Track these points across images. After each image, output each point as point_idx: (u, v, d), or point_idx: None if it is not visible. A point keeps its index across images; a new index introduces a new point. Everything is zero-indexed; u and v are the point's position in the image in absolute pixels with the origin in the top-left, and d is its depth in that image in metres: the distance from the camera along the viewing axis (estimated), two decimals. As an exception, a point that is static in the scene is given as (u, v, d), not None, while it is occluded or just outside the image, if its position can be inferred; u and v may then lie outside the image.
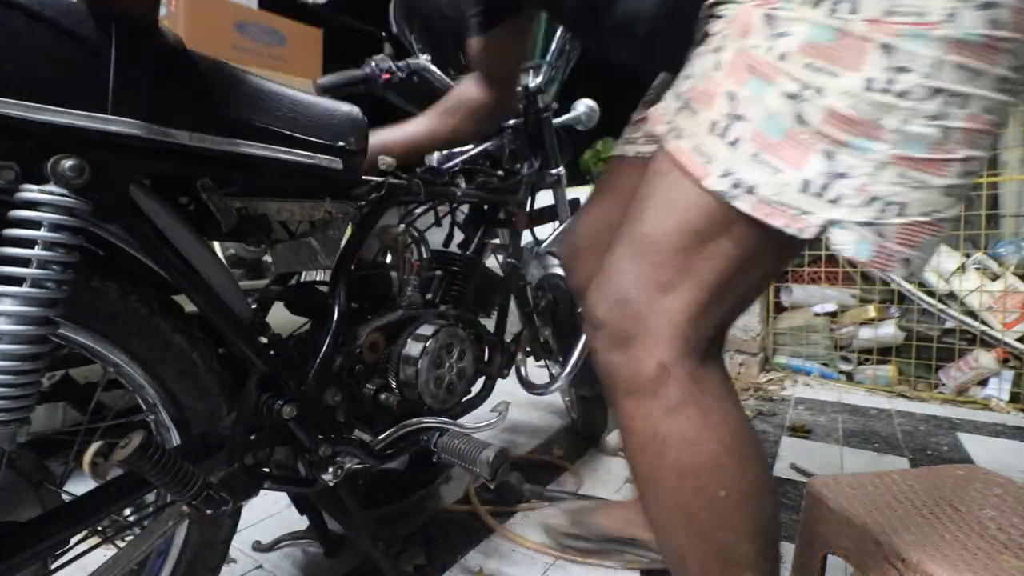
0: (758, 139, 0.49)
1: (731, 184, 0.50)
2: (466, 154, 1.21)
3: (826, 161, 0.47)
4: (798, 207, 0.47)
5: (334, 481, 0.78)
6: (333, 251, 0.84)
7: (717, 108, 0.51)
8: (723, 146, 0.50)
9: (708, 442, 0.52)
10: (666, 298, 0.53)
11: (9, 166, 0.49)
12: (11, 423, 0.49)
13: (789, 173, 0.48)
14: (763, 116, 0.49)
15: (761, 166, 0.49)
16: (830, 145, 0.46)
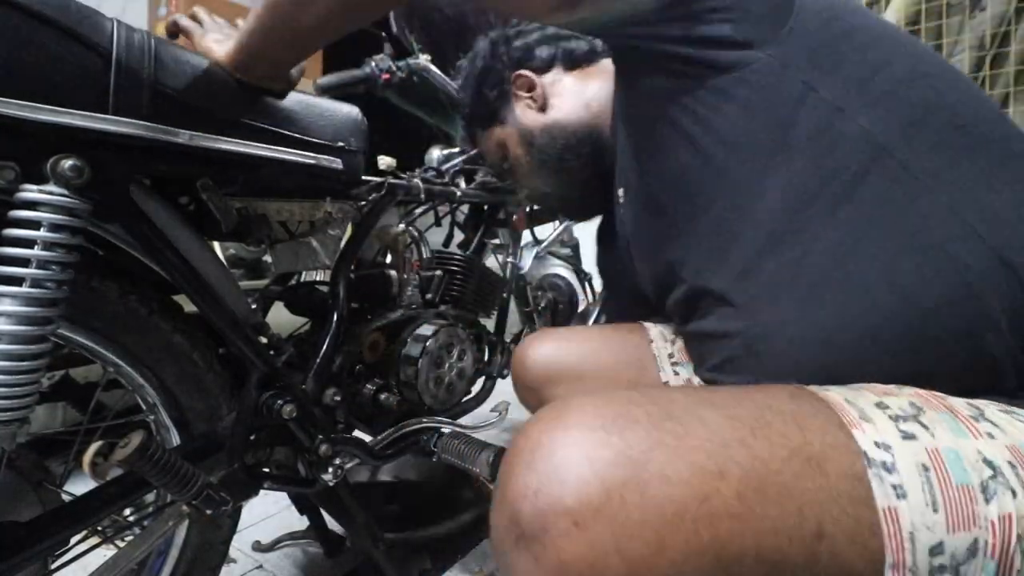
0: (935, 458, 0.36)
1: (881, 460, 0.36)
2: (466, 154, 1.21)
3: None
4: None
5: (334, 481, 0.78)
6: (333, 251, 0.84)
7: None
8: (888, 423, 0.38)
9: None
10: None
11: (9, 166, 0.49)
12: (11, 423, 0.49)
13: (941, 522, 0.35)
14: (949, 448, 0.37)
15: (924, 484, 0.36)
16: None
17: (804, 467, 0.35)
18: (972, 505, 0.35)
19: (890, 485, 0.35)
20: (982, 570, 0.34)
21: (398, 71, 1.16)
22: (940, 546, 0.34)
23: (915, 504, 0.35)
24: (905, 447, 0.36)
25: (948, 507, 0.35)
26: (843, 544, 0.34)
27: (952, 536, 0.35)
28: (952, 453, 0.36)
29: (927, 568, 0.34)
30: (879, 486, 0.35)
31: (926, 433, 0.37)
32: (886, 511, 0.34)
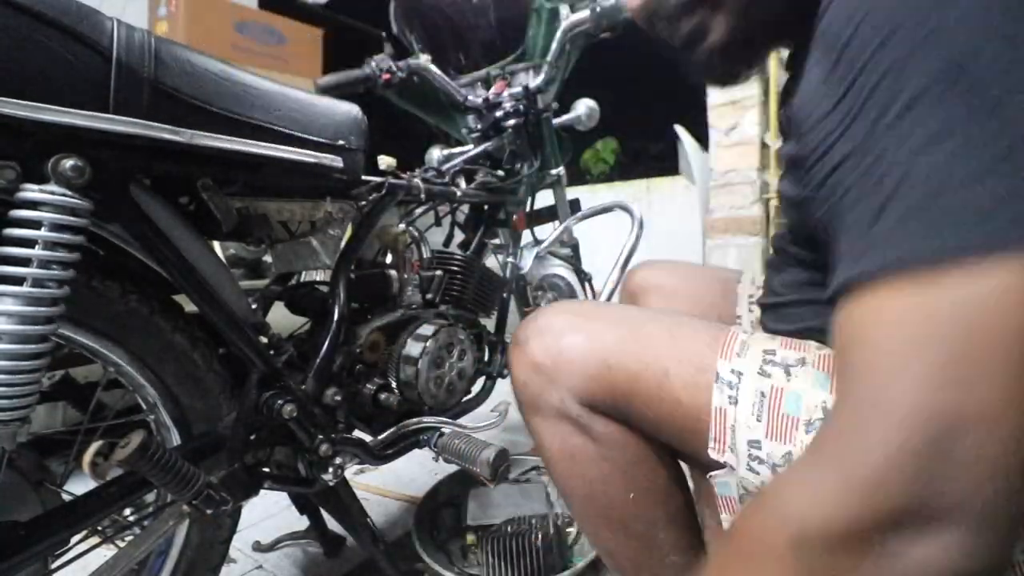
0: (775, 392, 0.49)
1: (728, 380, 0.51)
2: (466, 154, 1.21)
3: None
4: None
5: (334, 481, 0.78)
6: (333, 251, 0.84)
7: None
8: (756, 362, 0.51)
9: (614, 458, 0.57)
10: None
11: (10, 166, 0.49)
12: (11, 423, 0.49)
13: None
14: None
15: (755, 403, 0.50)
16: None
17: (668, 337, 0.55)
18: (792, 429, 0.46)
19: (727, 397, 0.50)
20: None
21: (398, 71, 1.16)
22: (758, 443, 0.48)
23: (742, 410, 0.49)
24: (755, 378, 0.50)
25: (770, 422, 0.48)
26: (678, 386, 0.52)
27: (769, 441, 0.47)
28: (793, 395, 0.48)
29: (746, 452, 0.48)
30: (718, 393, 0.50)
31: (783, 378, 0.49)
32: (717, 409, 0.50)
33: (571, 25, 1.22)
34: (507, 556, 0.93)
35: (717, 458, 0.50)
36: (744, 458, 0.49)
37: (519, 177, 1.22)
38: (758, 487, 0.49)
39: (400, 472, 1.45)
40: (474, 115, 1.29)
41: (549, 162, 1.37)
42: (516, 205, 1.28)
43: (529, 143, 1.27)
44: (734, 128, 2.40)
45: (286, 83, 0.70)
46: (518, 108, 1.24)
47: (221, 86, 0.61)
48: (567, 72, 1.36)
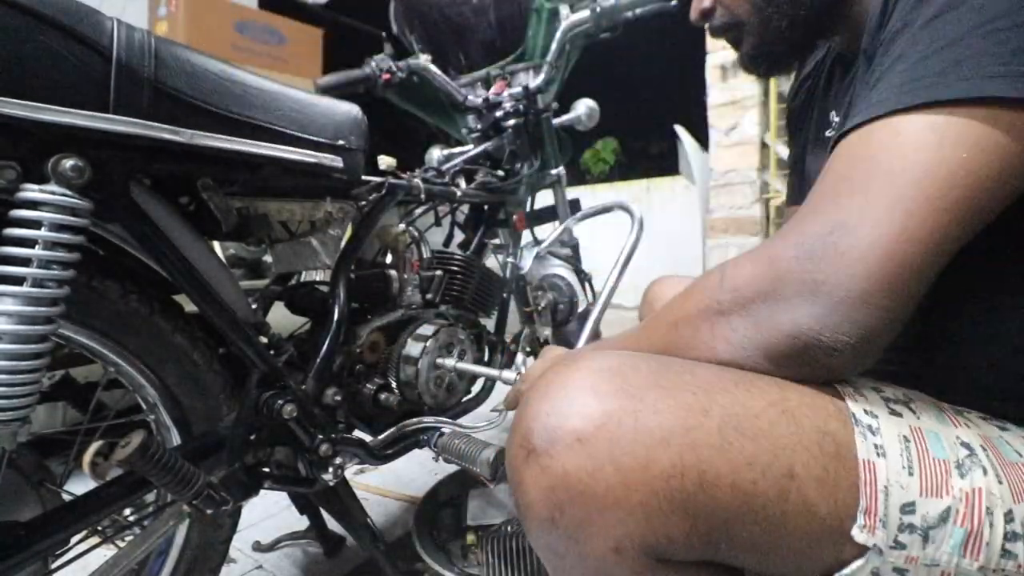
0: (917, 433, 0.41)
1: (867, 423, 0.41)
2: (466, 154, 1.21)
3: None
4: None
5: (334, 481, 0.78)
6: (333, 251, 0.84)
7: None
8: (879, 400, 0.42)
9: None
10: None
11: (10, 166, 0.49)
12: (11, 422, 0.49)
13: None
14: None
15: (903, 450, 0.40)
16: None
17: (780, 416, 0.39)
18: (946, 477, 0.38)
19: (872, 444, 0.39)
20: (951, 536, 0.37)
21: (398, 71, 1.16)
22: (912, 505, 0.38)
23: (892, 464, 0.38)
24: (891, 420, 0.41)
25: (923, 474, 0.38)
26: (811, 487, 0.37)
27: (924, 499, 0.38)
28: (933, 433, 0.41)
29: (897, 522, 0.38)
30: (862, 442, 0.39)
31: (912, 415, 0.42)
32: (865, 462, 0.38)
33: (571, 25, 1.22)
34: (507, 556, 0.93)
35: (864, 540, 0.37)
36: (893, 532, 0.38)
37: (519, 177, 1.22)
38: (895, 566, 0.38)
39: (400, 472, 1.45)
40: (474, 115, 1.29)
41: (549, 162, 1.37)
42: (516, 205, 1.28)
43: (529, 143, 1.27)
44: (734, 128, 2.40)
45: (286, 83, 0.70)
46: (518, 108, 1.24)
47: (221, 86, 0.61)
48: (567, 72, 1.36)
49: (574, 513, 0.37)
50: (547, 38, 1.30)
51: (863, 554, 0.38)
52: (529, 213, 1.36)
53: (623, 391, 0.38)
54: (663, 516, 0.36)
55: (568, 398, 0.39)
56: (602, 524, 0.37)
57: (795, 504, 0.37)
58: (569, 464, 0.37)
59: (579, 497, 0.37)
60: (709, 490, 0.36)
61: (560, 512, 0.37)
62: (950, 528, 0.37)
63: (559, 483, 0.37)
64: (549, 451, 0.38)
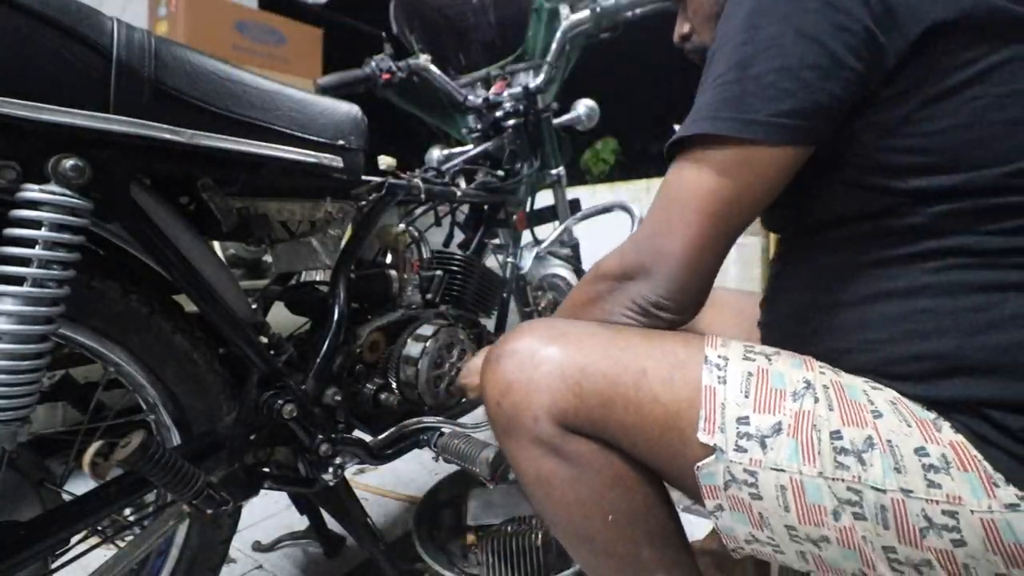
0: (761, 372, 0.53)
1: (716, 363, 0.54)
2: (466, 154, 1.21)
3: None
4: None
5: (334, 481, 0.78)
6: (333, 251, 0.84)
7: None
8: (739, 350, 0.56)
9: (589, 481, 0.55)
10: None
11: (10, 166, 0.49)
12: (12, 422, 0.49)
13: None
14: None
15: (742, 381, 0.53)
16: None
17: (645, 338, 0.56)
18: (780, 400, 0.50)
19: (716, 376, 0.53)
20: (786, 446, 0.49)
21: (398, 71, 1.16)
22: (747, 418, 0.50)
23: (731, 388, 0.52)
24: (741, 361, 0.54)
25: (758, 397, 0.51)
26: (657, 383, 0.53)
27: (757, 415, 0.50)
28: (777, 373, 0.52)
29: (735, 430, 0.50)
30: (707, 373, 0.53)
31: (765, 361, 0.54)
32: (707, 387, 0.52)
33: (571, 25, 1.22)
34: (507, 556, 0.93)
35: (707, 440, 0.51)
36: (732, 437, 0.50)
37: (519, 177, 1.22)
38: (745, 468, 0.49)
39: (400, 472, 1.45)
40: (474, 115, 1.29)
41: (549, 162, 1.37)
42: (516, 205, 1.28)
43: (529, 143, 1.27)
44: (734, 128, 2.40)
45: (286, 83, 0.70)
46: (518, 108, 1.24)
47: (221, 86, 0.61)
48: (567, 72, 1.36)
49: (511, 397, 0.56)
50: (547, 38, 1.30)
51: (712, 453, 0.51)
52: (529, 213, 1.36)
53: (549, 333, 0.58)
54: (560, 394, 0.54)
55: (517, 336, 0.59)
56: (526, 402, 0.55)
57: (646, 393, 0.53)
58: (509, 367, 0.57)
59: (513, 384, 0.56)
60: (589, 378, 0.54)
61: (503, 396, 0.57)
62: (784, 439, 0.49)
63: (501, 378, 0.57)
64: (500, 360, 0.58)
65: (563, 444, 0.55)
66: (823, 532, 0.48)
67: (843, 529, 0.47)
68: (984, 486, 0.44)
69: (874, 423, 0.48)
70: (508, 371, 0.57)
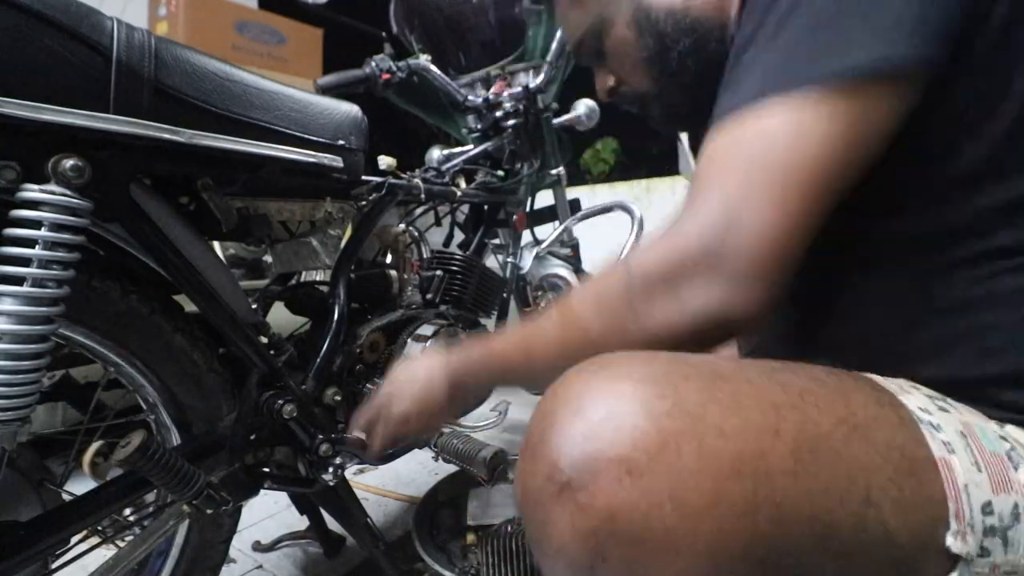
0: (968, 429, 0.39)
1: (928, 420, 0.38)
2: (466, 154, 1.21)
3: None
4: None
5: (334, 481, 0.78)
6: (333, 251, 0.84)
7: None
8: (925, 398, 0.41)
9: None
10: None
11: (10, 166, 0.49)
12: (11, 422, 0.49)
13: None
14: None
15: (965, 447, 0.38)
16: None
17: (852, 434, 0.35)
18: (1006, 471, 0.36)
19: (940, 441, 0.36)
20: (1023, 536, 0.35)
21: (398, 71, 1.16)
22: (990, 505, 0.35)
23: (963, 461, 0.36)
24: (944, 416, 0.39)
25: (988, 469, 0.36)
26: (889, 512, 0.33)
27: (997, 497, 0.35)
28: (979, 427, 0.39)
29: (981, 526, 0.35)
30: (932, 440, 0.36)
31: (955, 410, 0.40)
32: (942, 461, 0.35)
33: (571, 25, 1.22)
34: (507, 556, 0.93)
35: (959, 550, 0.34)
36: (979, 537, 0.34)
37: (519, 177, 1.22)
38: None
39: (400, 472, 1.45)
40: (474, 115, 1.29)
41: (549, 162, 1.37)
42: (516, 205, 1.28)
43: (529, 143, 1.27)
44: (734, 128, 2.40)
45: (286, 83, 0.70)
46: (518, 108, 1.24)
47: (221, 86, 0.61)
48: (567, 72, 1.36)
49: (622, 562, 0.30)
50: (547, 38, 1.30)
51: (953, 567, 0.34)
52: (529, 213, 1.36)
53: (678, 408, 0.32)
54: (735, 562, 0.30)
55: (612, 417, 0.32)
56: (654, 567, 0.30)
57: (873, 534, 0.33)
58: (617, 502, 0.30)
59: (630, 542, 0.30)
60: (786, 527, 0.31)
61: (603, 560, 0.31)
62: (1022, 527, 0.35)
63: (603, 526, 0.30)
64: (589, 486, 0.31)
65: None
66: None
67: None
68: None
69: (1016, 481, 0.37)
70: (619, 506, 0.30)
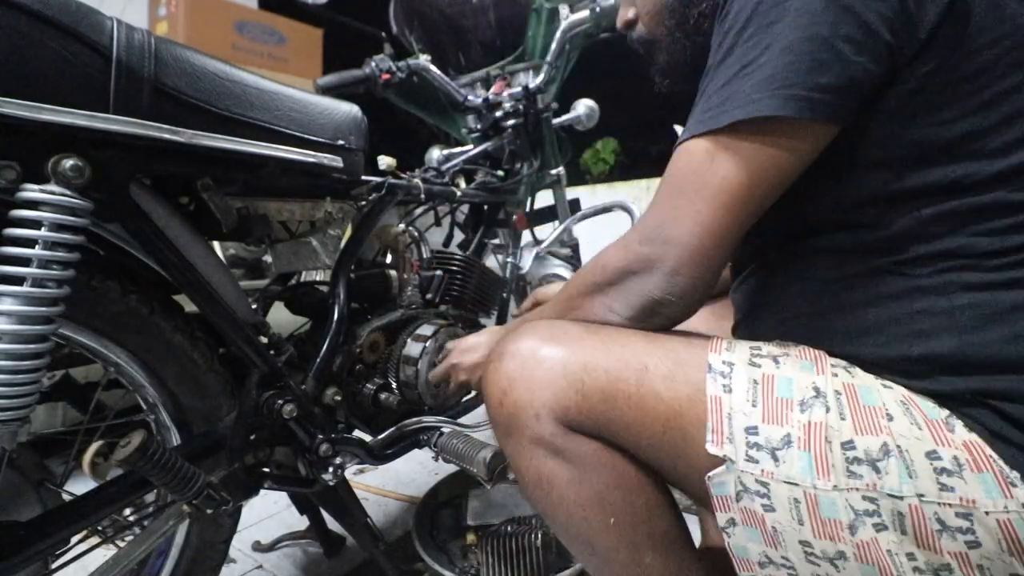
0: (766, 379, 0.52)
1: (720, 370, 0.53)
2: (466, 154, 1.21)
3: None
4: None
5: (334, 481, 0.78)
6: (333, 251, 0.84)
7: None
8: (745, 353, 0.54)
9: (591, 482, 0.54)
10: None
11: (10, 166, 0.49)
12: (11, 422, 0.49)
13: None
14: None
15: (749, 389, 0.52)
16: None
17: (646, 338, 0.56)
18: (787, 411, 0.49)
19: (720, 384, 0.51)
20: (799, 459, 0.47)
21: (398, 71, 1.16)
22: (755, 428, 0.49)
23: (737, 398, 0.51)
24: (746, 368, 0.52)
25: (765, 407, 0.50)
26: (658, 379, 0.53)
27: (765, 425, 0.49)
28: (784, 379, 0.51)
29: (744, 440, 0.49)
30: (712, 383, 0.52)
31: (772, 366, 0.52)
32: (712, 397, 0.51)
33: (571, 25, 1.22)
34: (507, 556, 0.93)
35: (716, 451, 0.49)
36: (742, 447, 0.49)
37: (519, 177, 1.22)
38: (757, 478, 0.48)
39: (400, 472, 1.45)
40: (474, 115, 1.29)
41: (549, 162, 1.37)
42: (516, 205, 1.28)
43: (529, 143, 1.27)
44: (734, 128, 2.40)
45: (286, 83, 0.70)
46: (518, 108, 1.24)
47: (221, 86, 0.61)
48: (567, 72, 1.36)
49: (512, 395, 0.55)
50: (547, 38, 1.30)
51: (722, 464, 0.50)
52: (529, 213, 1.36)
53: (550, 335, 0.57)
54: (562, 391, 0.53)
55: (519, 336, 0.58)
56: (527, 399, 0.54)
57: (648, 389, 0.53)
58: (511, 366, 0.56)
59: (515, 382, 0.55)
60: (591, 374, 0.53)
61: (505, 394, 0.56)
62: (795, 452, 0.47)
63: (504, 376, 0.56)
64: (501, 359, 0.57)
65: (565, 443, 0.54)
66: (840, 547, 0.46)
67: (861, 544, 0.46)
68: (1000, 486, 0.43)
69: (888, 428, 0.46)
70: (510, 370, 0.56)
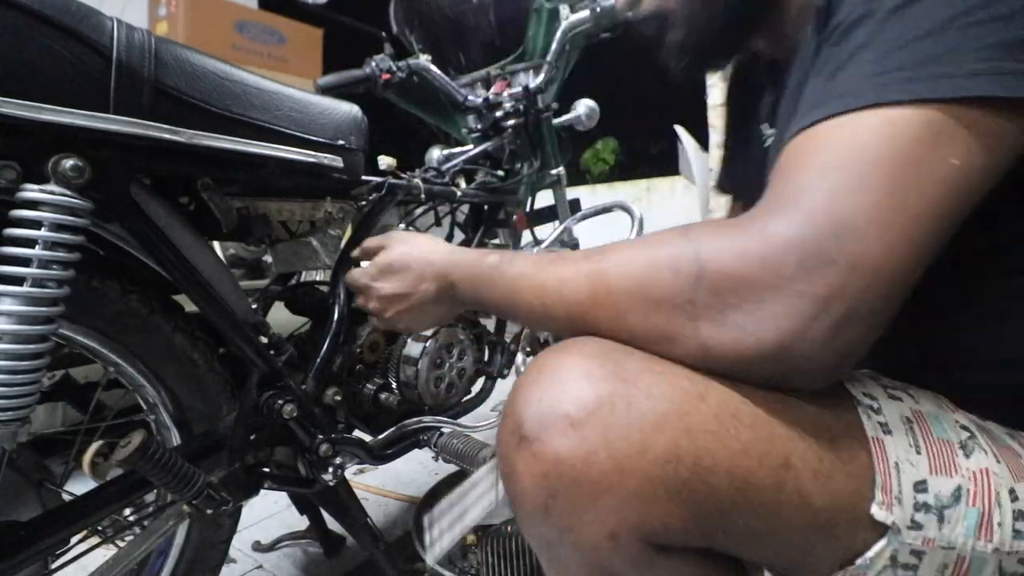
0: (918, 416, 0.41)
1: (869, 404, 0.41)
2: (466, 154, 1.21)
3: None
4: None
5: (334, 481, 0.78)
6: (333, 251, 0.84)
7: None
8: (878, 387, 0.43)
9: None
10: None
11: (10, 166, 0.49)
12: (11, 422, 0.49)
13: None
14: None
15: (907, 430, 0.41)
16: None
17: (778, 406, 0.38)
18: (952, 456, 0.39)
19: (876, 422, 0.39)
20: (965, 517, 0.37)
21: (398, 71, 1.16)
22: (924, 484, 0.38)
23: (899, 441, 0.39)
24: (891, 403, 0.41)
25: (929, 452, 0.39)
26: (807, 478, 0.37)
27: (934, 477, 0.38)
28: (933, 416, 0.41)
29: (912, 500, 0.37)
30: (867, 420, 0.39)
31: (911, 399, 0.42)
32: (874, 440, 0.39)
33: (571, 25, 1.22)
34: (507, 556, 0.93)
35: (883, 517, 0.37)
36: (908, 511, 0.37)
37: (519, 177, 1.22)
38: (914, 548, 0.37)
39: (400, 472, 1.45)
40: (474, 115, 1.29)
41: (549, 162, 1.37)
42: (516, 205, 1.28)
43: (529, 143, 1.27)
44: (734, 128, 2.40)
45: (286, 83, 0.70)
46: (518, 108, 1.24)
47: (221, 86, 0.61)
48: (567, 72, 1.36)
49: (567, 500, 0.36)
50: (547, 38, 1.30)
51: (882, 536, 0.37)
52: (529, 213, 1.36)
53: (616, 375, 0.37)
54: (659, 503, 0.35)
55: (560, 383, 0.38)
56: (596, 511, 0.36)
57: (790, 495, 0.37)
58: (562, 450, 0.36)
59: (572, 483, 0.36)
60: (705, 477, 0.35)
61: (553, 499, 0.36)
62: (963, 508, 0.37)
63: (551, 469, 0.36)
64: (541, 437, 0.36)
65: (648, 571, 0.38)
66: None
67: None
68: None
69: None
70: (565, 453, 0.36)
